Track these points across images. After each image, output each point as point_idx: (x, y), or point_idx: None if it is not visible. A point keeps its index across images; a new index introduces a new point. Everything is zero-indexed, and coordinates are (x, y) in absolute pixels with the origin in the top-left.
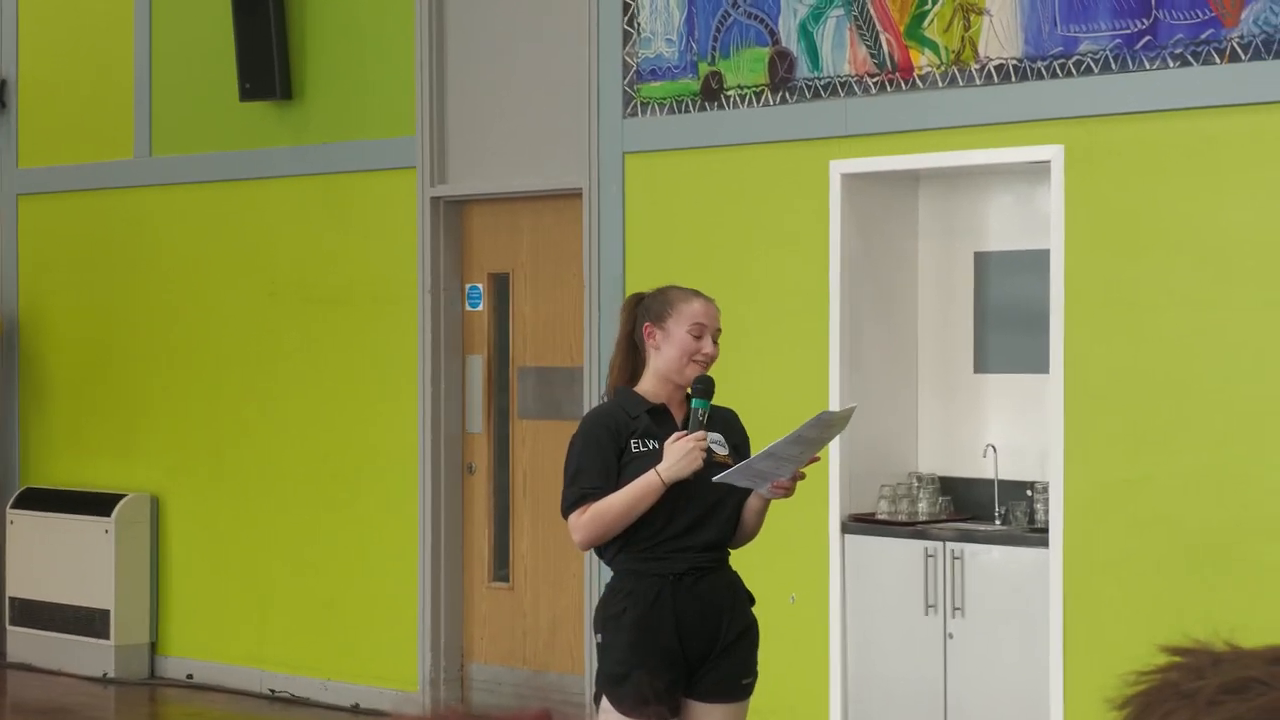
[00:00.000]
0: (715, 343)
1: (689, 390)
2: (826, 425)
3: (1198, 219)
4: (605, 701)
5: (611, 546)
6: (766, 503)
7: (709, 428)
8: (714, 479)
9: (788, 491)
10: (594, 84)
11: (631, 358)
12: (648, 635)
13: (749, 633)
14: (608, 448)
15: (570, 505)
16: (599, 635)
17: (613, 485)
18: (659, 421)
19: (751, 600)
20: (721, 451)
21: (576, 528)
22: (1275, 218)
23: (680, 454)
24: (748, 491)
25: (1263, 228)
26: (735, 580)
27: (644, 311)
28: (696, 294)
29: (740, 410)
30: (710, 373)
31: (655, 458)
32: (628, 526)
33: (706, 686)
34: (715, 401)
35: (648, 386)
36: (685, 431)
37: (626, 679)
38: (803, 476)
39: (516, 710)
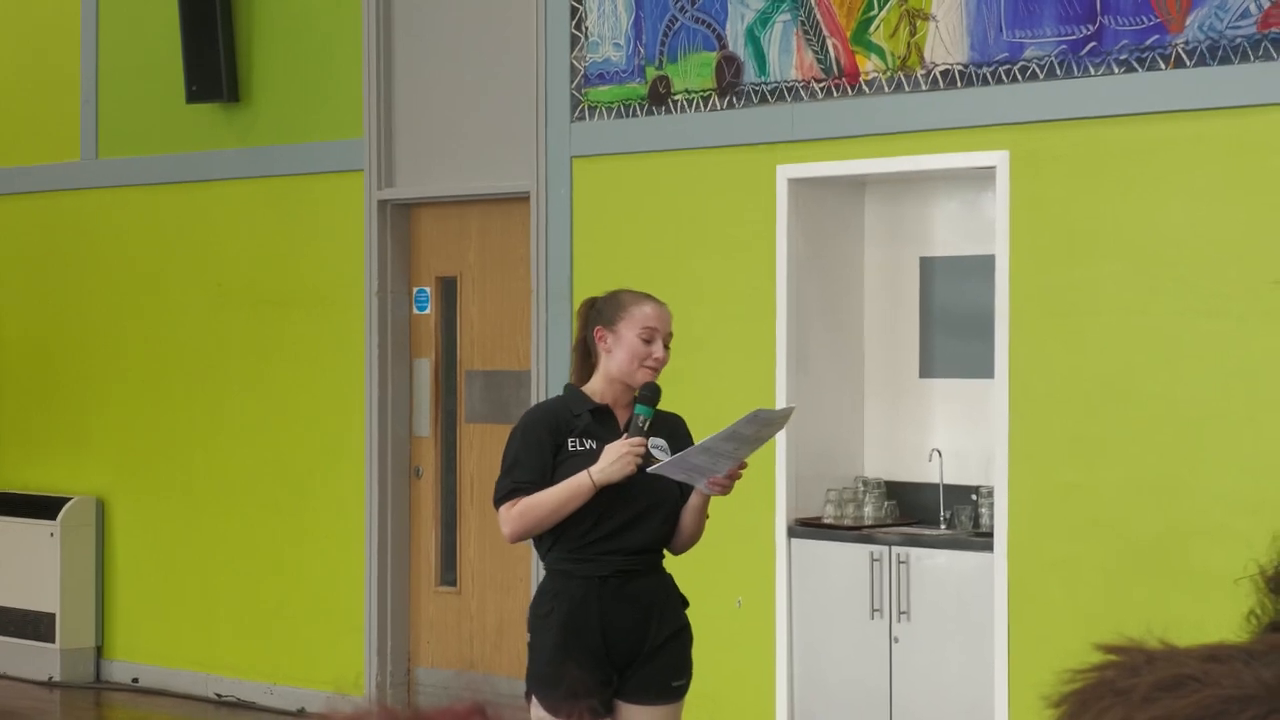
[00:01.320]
0: (666, 347)
1: (636, 394)
2: (763, 424)
3: (1143, 224)
4: (535, 700)
5: (544, 543)
6: (706, 501)
7: (655, 433)
8: (648, 469)
9: (725, 489)
10: (542, 88)
11: (586, 361)
12: (573, 637)
13: (680, 635)
14: (545, 443)
15: (502, 497)
16: (529, 635)
17: (546, 481)
18: (601, 421)
19: (684, 603)
20: (663, 458)
21: (506, 520)
22: (1220, 224)
23: (614, 457)
24: (685, 496)
25: (1207, 234)
26: (667, 583)
27: (596, 315)
28: (648, 298)
29: (686, 414)
30: (657, 377)
31: (591, 458)
32: (557, 525)
33: (634, 687)
34: (662, 406)
35: (596, 387)
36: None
37: (554, 678)
38: (739, 476)
39: (448, 705)
